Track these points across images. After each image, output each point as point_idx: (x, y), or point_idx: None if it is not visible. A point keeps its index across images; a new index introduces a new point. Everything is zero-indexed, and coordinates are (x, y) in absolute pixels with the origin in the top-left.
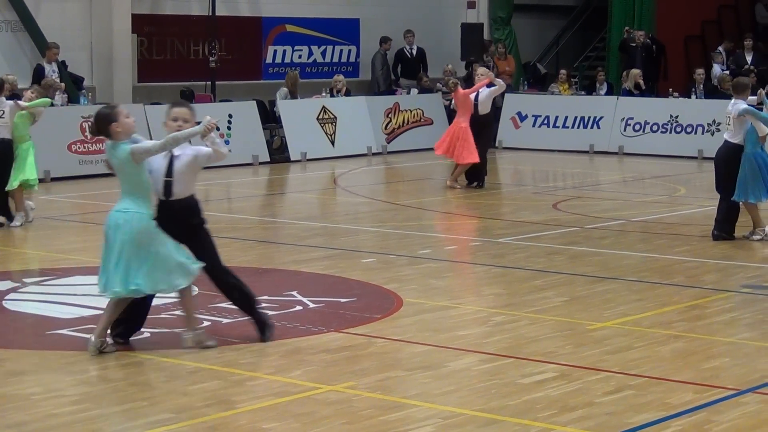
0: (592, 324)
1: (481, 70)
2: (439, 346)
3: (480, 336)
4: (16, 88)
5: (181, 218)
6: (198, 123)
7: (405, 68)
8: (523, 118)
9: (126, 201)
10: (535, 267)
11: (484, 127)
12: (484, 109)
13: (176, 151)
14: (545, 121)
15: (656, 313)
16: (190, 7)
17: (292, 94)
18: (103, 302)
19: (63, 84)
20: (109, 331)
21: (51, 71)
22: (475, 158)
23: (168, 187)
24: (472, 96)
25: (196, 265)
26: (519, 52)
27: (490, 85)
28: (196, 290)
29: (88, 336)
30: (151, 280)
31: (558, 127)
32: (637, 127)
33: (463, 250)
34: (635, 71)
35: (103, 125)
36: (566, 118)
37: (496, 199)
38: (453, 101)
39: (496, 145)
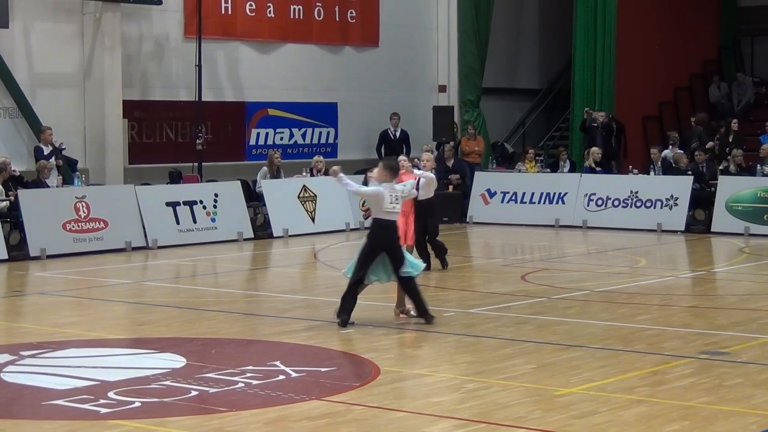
0: (559, 390)
1: (402, 159)
2: (415, 412)
3: (453, 402)
4: (10, 170)
5: None
6: None
7: (388, 148)
8: (492, 194)
9: None
10: (505, 336)
11: (429, 212)
12: (425, 194)
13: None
14: (513, 197)
15: (620, 378)
16: (177, 93)
17: (272, 174)
18: (97, 373)
19: (57, 162)
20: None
21: (51, 153)
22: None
23: None
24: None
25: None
26: (488, 132)
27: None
28: (183, 361)
29: (82, 406)
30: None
31: (525, 202)
32: (600, 202)
33: (437, 320)
34: (594, 149)
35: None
36: (533, 194)
37: (467, 272)
38: None
39: (467, 219)
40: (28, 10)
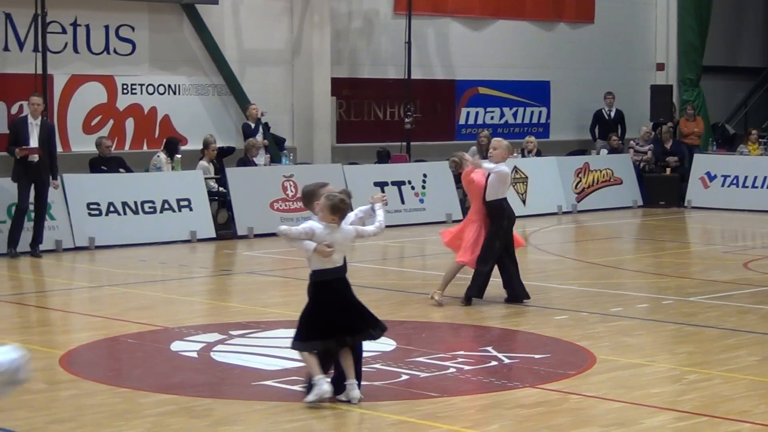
0: None
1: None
2: (633, 403)
3: (673, 394)
4: (214, 147)
5: None
6: None
7: (602, 129)
8: (712, 178)
9: None
10: (727, 326)
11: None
12: (491, 194)
13: None
14: (734, 181)
15: None
16: (386, 71)
17: (482, 154)
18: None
19: (264, 141)
20: None
21: (256, 129)
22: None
23: None
24: (481, 177)
25: None
26: (708, 112)
27: None
28: (393, 345)
29: (291, 387)
30: None
31: (747, 187)
32: None
33: (655, 308)
34: None
35: None
36: (755, 178)
37: (685, 258)
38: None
39: (685, 204)
40: None
